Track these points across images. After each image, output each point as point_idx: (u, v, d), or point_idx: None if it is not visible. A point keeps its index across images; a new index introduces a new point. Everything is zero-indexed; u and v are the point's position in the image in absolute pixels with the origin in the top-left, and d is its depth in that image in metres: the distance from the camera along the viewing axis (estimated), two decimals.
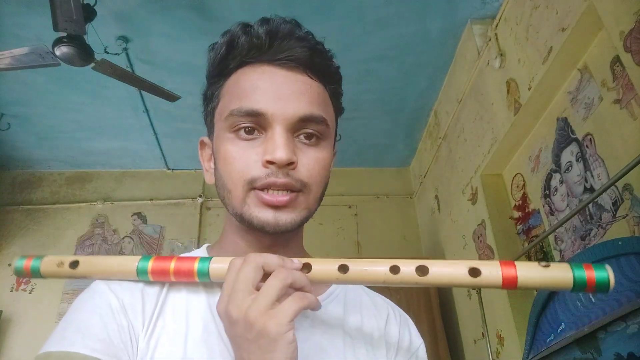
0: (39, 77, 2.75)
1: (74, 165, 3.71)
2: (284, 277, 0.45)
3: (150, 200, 3.67)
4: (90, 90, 2.89)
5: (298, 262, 0.49)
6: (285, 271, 0.46)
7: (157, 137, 3.40)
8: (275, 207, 0.52)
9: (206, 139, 0.63)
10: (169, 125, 3.28)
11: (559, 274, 0.44)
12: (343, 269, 0.47)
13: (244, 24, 0.56)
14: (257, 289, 0.45)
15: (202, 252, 0.63)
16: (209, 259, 0.50)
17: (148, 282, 0.54)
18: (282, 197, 0.52)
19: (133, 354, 0.49)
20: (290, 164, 0.52)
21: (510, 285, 0.44)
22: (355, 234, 3.60)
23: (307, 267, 0.48)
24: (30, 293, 3.27)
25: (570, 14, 1.72)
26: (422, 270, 0.46)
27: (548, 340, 1.58)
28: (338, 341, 0.57)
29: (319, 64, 0.57)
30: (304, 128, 0.55)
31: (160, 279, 0.52)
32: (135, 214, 3.62)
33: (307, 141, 0.55)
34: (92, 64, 2.23)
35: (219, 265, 0.50)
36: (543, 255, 2.11)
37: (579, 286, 0.44)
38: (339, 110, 0.63)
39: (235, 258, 0.48)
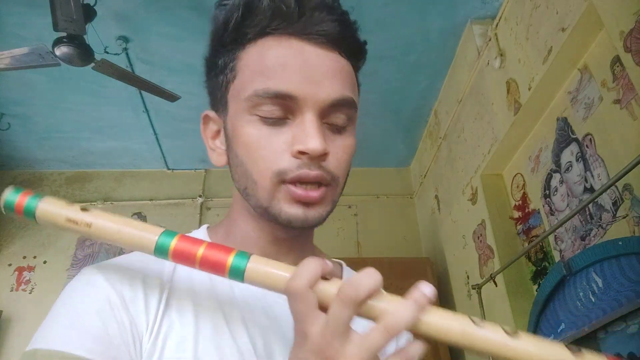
0: (39, 77, 2.75)
1: (74, 165, 3.71)
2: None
3: (150, 200, 3.67)
4: (90, 90, 2.89)
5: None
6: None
7: (157, 137, 3.40)
8: (306, 203, 0.48)
9: (212, 114, 0.55)
10: (169, 125, 3.28)
11: None
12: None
13: None
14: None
15: (202, 232, 0.59)
16: (246, 255, 0.41)
17: (150, 271, 0.49)
18: (314, 192, 0.48)
19: (135, 355, 0.45)
20: (323, 155, 0.48)
21: None
22: (355, 234, 3.60)
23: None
24: (30, 293, 3.27)
25: (571, 14, 1.72)
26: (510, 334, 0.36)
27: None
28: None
29: (349, 40, 0.52)
30: (335, 113, 0.50)
31: (181, 262, 0.43)
32: (135, 214, 3.62)
33: (335, 128, 0.50)
34: (92, 64, 2.23)
35: (261, 267, 0.41)
36: (543, 255, 2.11)
37: None
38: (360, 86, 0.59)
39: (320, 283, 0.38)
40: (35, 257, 3.38)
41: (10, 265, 3.35)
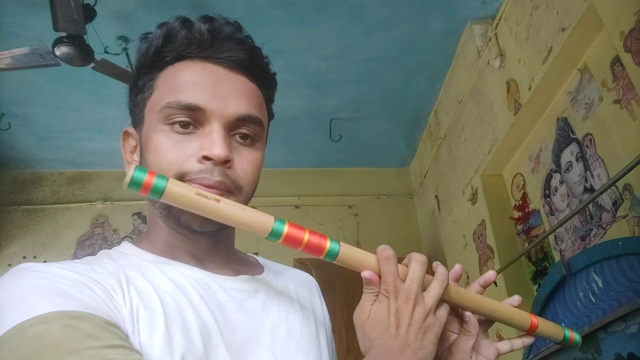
0: (39, 77, 2.74)
1: (74, 165, 3.70)
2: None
3: None
4: (90, 90, 2.89)
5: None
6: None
7: None
8: None
9: (131, 130, 0.60)
10: None
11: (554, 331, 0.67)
12: None
13: (183, 19, 0.57)
14: None
15: (127, 247, 0.58)
16: (338, 242, 0.52)
17: (97, 265, 0.50)
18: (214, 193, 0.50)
19: (122, 319, 0.45)
20: (226, 162, 0.52)
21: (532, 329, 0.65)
22: (355, 234, 3.60)
23: None
24: None
25: (571, 14, 1.72)
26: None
27: (548, 340, 1.58)
28: (296, 307, 0.61)
29: (257, 68, 0.58)
30: (241, 127, 0.55)
31: (289, 245, 0.50)
32: (135, 214, 3.62)
33: (242, 141, 0.55)
34: (92, 64, 2.23)
35: (350, 251, 0.52)
36: (543, 256, 2.11)
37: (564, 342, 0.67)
38: (271, 115, 0.64)
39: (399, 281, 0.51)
40: (35, 257, 3.38)
41: (10, 265, 3.35)
